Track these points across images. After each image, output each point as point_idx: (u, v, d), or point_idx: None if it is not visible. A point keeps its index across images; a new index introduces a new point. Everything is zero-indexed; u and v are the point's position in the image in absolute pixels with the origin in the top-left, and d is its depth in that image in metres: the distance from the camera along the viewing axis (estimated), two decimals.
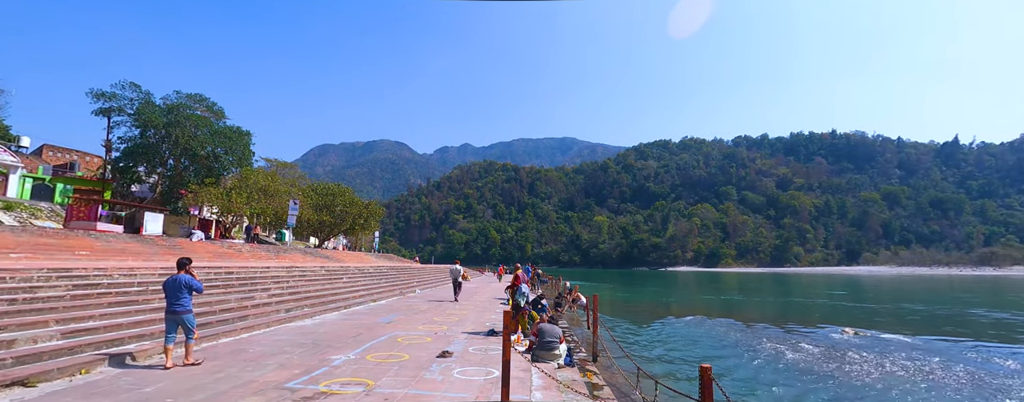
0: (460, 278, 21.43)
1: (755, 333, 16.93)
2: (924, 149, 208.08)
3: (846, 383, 10.08)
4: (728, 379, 10.49)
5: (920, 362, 12.01)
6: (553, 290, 29.98)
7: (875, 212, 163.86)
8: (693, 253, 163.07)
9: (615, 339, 10.14)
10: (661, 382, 6.71)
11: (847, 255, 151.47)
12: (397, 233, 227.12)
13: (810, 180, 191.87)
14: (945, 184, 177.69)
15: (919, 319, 22.85)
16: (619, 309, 27.33)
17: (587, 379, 7.92)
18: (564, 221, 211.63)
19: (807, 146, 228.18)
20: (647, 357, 13.10)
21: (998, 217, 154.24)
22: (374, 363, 7.43)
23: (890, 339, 16.13)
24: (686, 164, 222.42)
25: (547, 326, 8.42)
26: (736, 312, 24.97)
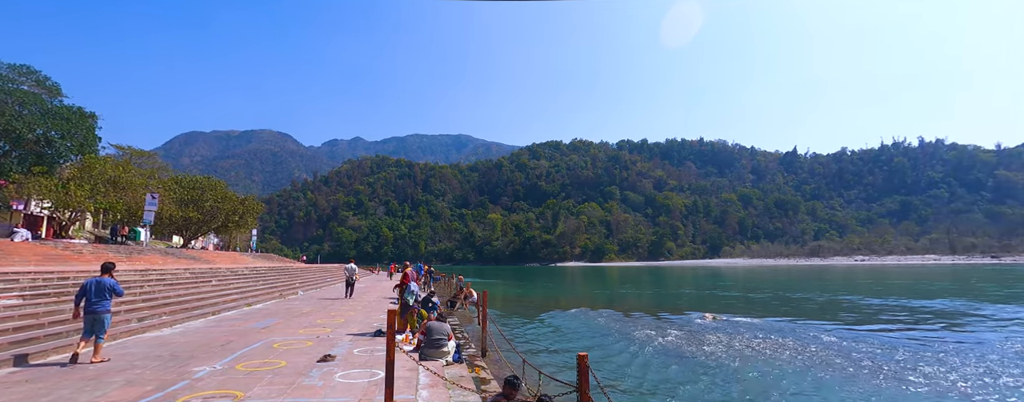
0: (354, 277, 20.73)
1: (631, 322, 18.34)
2: (771, 157, 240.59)
3: (703, 362, 11.34)
4: (604, 365, 11.26)
5: (762, 340, 13.88)
6: (446, 288, 29.91)
7: (733, 211, 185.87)
8: (580, 249, 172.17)
9: (503, 334, 10.38)
10: (544, 372, 7.02)
11: (710, 249, 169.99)
12: (279, 231, 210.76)
13: (681, 182, 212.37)
14: (786, 188, 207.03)
15: (763, 303, 26.38)
16: (511, 304, 28.01)
17: (475, 374, 8.03)
18: (458, 218, 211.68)
19: (680, 151, 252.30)
20: (534, 349, 13.60)
21: (824, 216, 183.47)
22: (245, 373, 6.85)
23: (741, 321, 18.42)
24: (575, 165, 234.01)
25: (436, 324, 8.39)
26: (616, 303, 26.83)
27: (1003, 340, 13.99)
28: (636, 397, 8.75)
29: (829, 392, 8.90)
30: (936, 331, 16.04)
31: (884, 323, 18.09)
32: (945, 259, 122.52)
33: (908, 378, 9.78)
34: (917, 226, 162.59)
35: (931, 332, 15.86)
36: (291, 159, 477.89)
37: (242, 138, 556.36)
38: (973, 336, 15.00)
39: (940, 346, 13.23)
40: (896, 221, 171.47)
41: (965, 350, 12.62)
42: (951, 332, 15.83)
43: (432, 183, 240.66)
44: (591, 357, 12.17)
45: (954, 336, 15.02)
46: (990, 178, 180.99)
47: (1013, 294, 29.36)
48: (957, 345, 13.37)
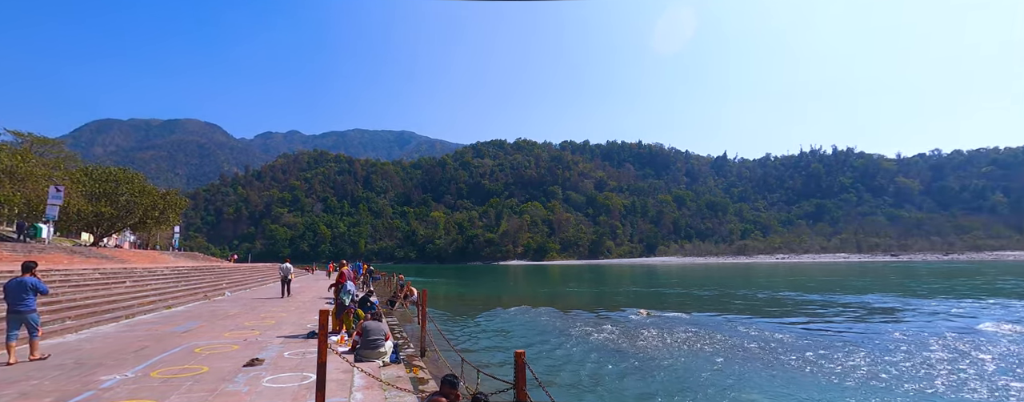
0: (289, 276, 20.18)
1: (570, 319, 18.75)
2: (703, 161, 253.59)
3: (637, 356, 11.77)
4: (542, 362, 11.44)
5: (692, 334, 14.61)
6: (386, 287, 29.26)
7: (668, 212, 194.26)
8: (523, 248, 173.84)
9: (443, 333, 10.30)
10: (482, 370, 7.04)
11: (647, 248, 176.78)
12: (206, 228, 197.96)
13: (621, 183, 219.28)
14: (717, 190, 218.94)
15: (695, 299, 27.78)
16: (453, 303, 27.83)
17: (413, 374, 7.91)
18: (400, 216, 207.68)
19: (619, 153, 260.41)
20: (474, 348, 13.59)
21: (750, 217, 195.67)
22: (161, 380, 6.38)
23: (673, 317, 19.30)
24: (519, 164, 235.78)
25: (373, 324, 8.19)
26: (557, 301, 27.33)
27: (901, 329, 15.51)
28: (572, 391, 8.95)
29: (750, 382, 9.49)
30: (844, 322, 17.53)
31: (800, 316, 19.55)
32: (853, 257, 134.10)
33: (820, 364, 10.62)
34: (830, 227, 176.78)
35: (840, 323, 17.31)
36: (220, 152, 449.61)
37: (164, 128, 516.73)
38: (874, 326, 16.52)
39: (849, 336, 14.46)
40: (812, 222, 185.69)
41: (869, 339, 13.88)
42: (857, 323, 17.36)
43: (373, 180, 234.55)
44: (530, 354, 12.32)
45: (860, 326, 16.49)
46: (891, 184, 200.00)
47: (908, 287, 32.62)
48: (861, 335, 14.67)
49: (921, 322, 17.33)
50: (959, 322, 17.08)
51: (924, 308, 21.36)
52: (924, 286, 34.34)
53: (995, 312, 19.51)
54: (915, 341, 13.36)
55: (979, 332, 14.87)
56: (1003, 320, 16.95)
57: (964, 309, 20.73)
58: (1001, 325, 15.83)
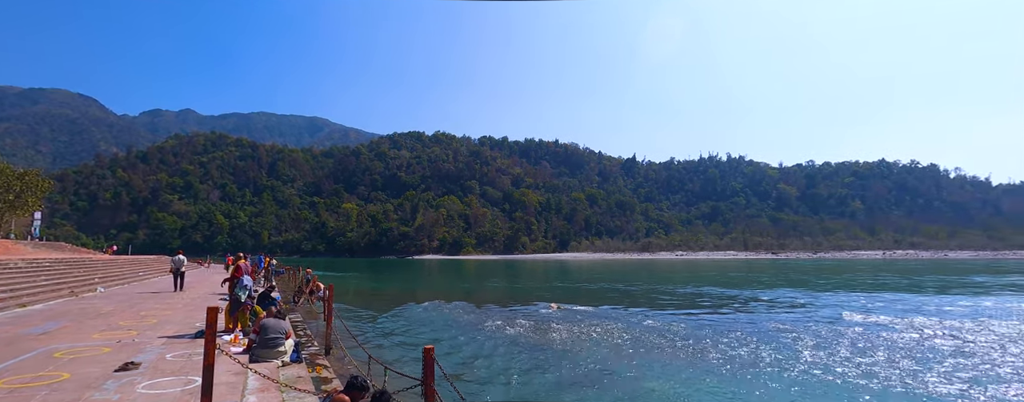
0: (182, 268, 18.75)
1: (483, 313, 18.85)
2: (615, 162, 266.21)
3: (546, 349, 12.10)
4: (452, 357, 11.39)
5: (598, 326, 15.28)
6: (291, 282, 27.58)
7: (581, 209, 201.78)
8: (438, 242, 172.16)
9: (350, 330, 9.89)
10: (390, 367, 6.84)
11: (560, 244, 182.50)
12: (76, 216, 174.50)
13: (537, 180, 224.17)
14: (626, 190, 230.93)
15: (602, 293, 29.12)
16: (364, 298, 26.89)
17: (316, 374, 7.52)
18: (309, 207, 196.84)
19: (537, 151, 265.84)
20: (384, 344, 13.22)
21: (655, 216, 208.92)
22: (7, 390, 5.50)
23: (582, 310, 20.07)
24: (437, 157, 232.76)
25: (272, 321, 7.65)
26: (471, 296, 27.36)
27: (778, 318, 17.34)
28: (482, 385, 8.99)
29: (648, 370, 10.10)
30: (732, 313, 19.26)
31: (694, 307, 21.18)
32: (740, 255, 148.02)
33: (711, 352, 11.56)
34: (722, 227, 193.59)
35: (728, 313, 18.99)
36: (96, 128, 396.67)
37: (24, 97, 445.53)
38: (756, 316, 18.32)
39: (734, 325, 15.88)
40: (708, 222, 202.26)
41: (751, 327, 15.35)
42: (742, 313, 19.15)
43: (280, 167, 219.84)
44: (441, 349, 12.18)
45: (745, 317, 18.19)
46: (774, 190, 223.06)
47: (784, 281, 36.61)
48: (746, 324, 16.19)
49: (796, 312, 19.49)
50: (826, 312, 19.41)
51: (799, 300, 24.05)
52: (798, 280, 38.69)
53: (854, 303, 22.43)
54: (790, 329, 14.97)
55: (841, 320, 17.00)
56: (857, 310, 19.53)
57: (828, 300, 23.63)
58: (854, 315, 18.22)
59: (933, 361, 10.73)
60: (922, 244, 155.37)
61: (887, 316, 17.76)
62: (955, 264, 75.44)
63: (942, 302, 22.63)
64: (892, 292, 28.37)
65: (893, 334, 14.04)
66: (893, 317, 17.48)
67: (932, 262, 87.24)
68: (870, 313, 18.70)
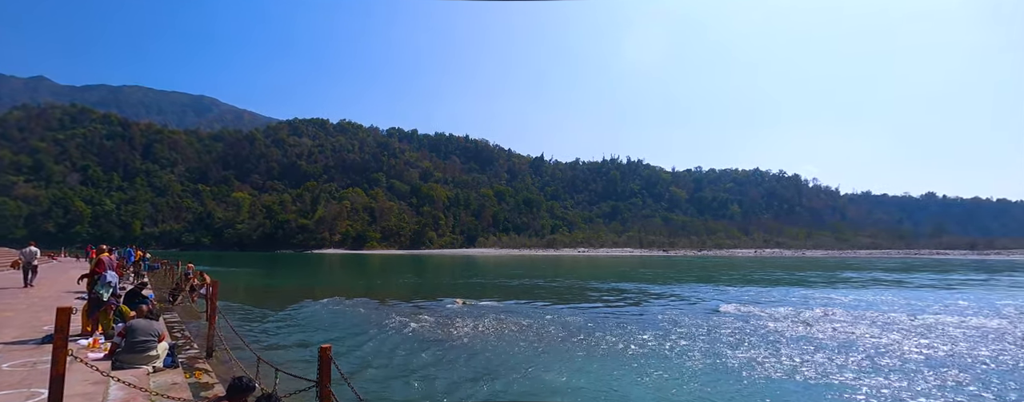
0: (34, 262, 16.33)
1: (386, 310, 18.35)
2: (523, 160, 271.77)
3: (451, 345, 12.07)
4: (352, 355, 10.97)
5: (503, 321, 15.53)
6: (168, 278, 24.82)
7: (489, 205, 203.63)
8: (341, 236, 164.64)
9: (236, 329, 9.12)
10: (282, 369, 6.42)
11: (467, 239, 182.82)
12: None
13: (446, 175, 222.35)
14: (533, 188, 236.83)
15: (508, 288, 29.65)
16: (256, 296, 24.97)
17: (195, 379, 6.85)
18: (193, 195, 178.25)
19: (447, 146, 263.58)
20: (277, 344, 12.39)
21: (560, 214, 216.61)
22: None
23: (488, 305, 20.28)
24: (342, 147, 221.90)
25: (141, 322, 6.83)
26: (374, 292, 26.51)
27: (665, 310, 18.79)
28: (382, 384, 8.75)
29: (548, 363, 10.46)
30: (625, 306, 20.55)
31: (596, 301, 22.30)
32: (636, 252, 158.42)
33: (608, 342, 12.24)
34: (621, 226, 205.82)
35: (622, 306, 20.23)
36: None
37: None
38: (647, 308, 19.72)
39: (627, 317, 16.97)
40: (608, 221, 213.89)
41: (641, 319, 16.49)
42: (634, 306, 20.50)
43: (158, 150, 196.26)
44: (339, 348, 11.67)
45: (635, 309, 19.49)
46: (667, 192, 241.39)
47: (673, 277, 39.82)
48: (637, 316, 17.36)
49: (682, 304, 21.24)
50: (708, 304, 21.39)
51: (685, 293, 26.24)
52: (685, 276, 42.24)
53: (728, 296, 24.93)
54: (676, 320, 16.29)
55: (719, 312, 18.81)
56: (733, 301, 21.76)
57: (709, 294, 26.08)
58: (731, 306, 20.29)
59: (789, 344, 12.25)
60: (785, 244, 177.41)
61: (756, 307, 19.96)
62: (810, 261, 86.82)
63: (800, 294, 25.97)
64: (760, 286, 31.99)
65: (760, 322, 15.83)
66: (761, 308, 19.70)
67: (792, 259, 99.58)
68: (742, 304, 20.90)
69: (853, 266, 64.33)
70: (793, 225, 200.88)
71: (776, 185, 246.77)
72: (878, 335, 13.77)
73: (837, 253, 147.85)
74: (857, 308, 20.12)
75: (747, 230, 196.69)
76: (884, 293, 27.06)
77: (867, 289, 29.98)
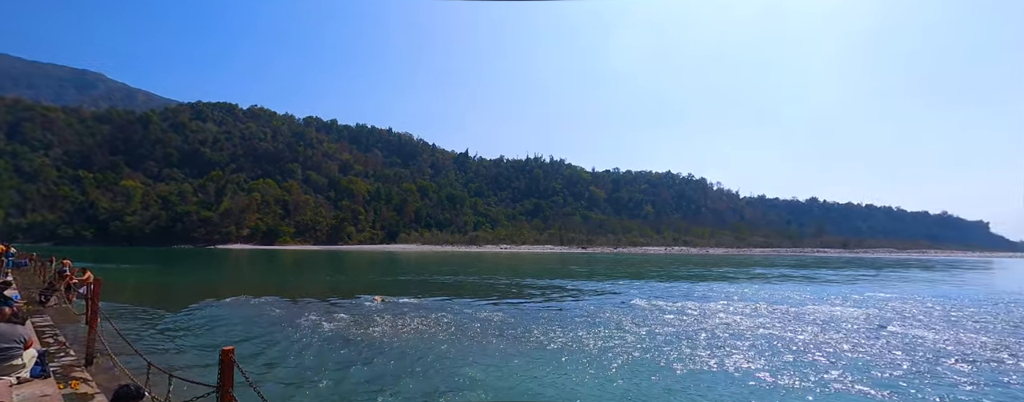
0: None
1: (299, 308, 17.48)
2: (448, 156, 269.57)
3: (368, 343, 11.75)
4: (260, 358, 10.37)
5: (423, 317, 15.36)
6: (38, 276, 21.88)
7: (412, 201, 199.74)
8: (250, 230, 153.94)
9: (124, 333, 8.28)
10: (177, 375, 5.95)
11: (388, 235, 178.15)
12: None
13: (368, 168, 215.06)
14: (457, 184, 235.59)
15: (429, 285, 29.31)
16: (149, 295, 22.74)
17: (71, 390, 6.15)
18: (72, 182, 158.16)
19: (369, 138, 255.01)
20: (171, 349, 11.40)
21: (483, 211, 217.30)
22: None
23: (408, 302, 19.94)
24: (253, 135, 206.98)
25: (3, 327, 6.01)
26: (286, 289, 25.13)
27: (580, 305, 19.53)
28: (291, 387, 8.36)
29: (467, 358, 10.52)
30: (543, 301, 21.10)
31: (516, 297, 22.65)
32: (557, 249, 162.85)
33: (525, 337, 12.51)
34: (543, 223, 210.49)
35: (540, 302, 20.75)
36: None
37: None
38: (564, 304, 20.39)
39: (545, 312, 17.44)
40: (530, 218, 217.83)
41: (559, 313, 17.03)
42: (551, 301, 21.11)
43: (27, 129, 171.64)
44: (246, 350, 11.00)
45: (555, 304, 20.07)
46: (586, 191, 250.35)
47: (589, 273, 41.44)
48: (556, 311, 17.90)
49: (597, 299, 22.16)
50: (621, 298, 22.48)
51: (601, 288, 27.40)
52: (601, 272, 44.11)
53: (640, 290, 26.39)
54: (591, 313, 17.01)
55: (633, 306, 19.84)
56: (644, 296, 23.07)
57: (623, 288, 27.43)
58: (643, 300, 21.50)
59: (690, 334, 13.25)
60: (692, 242, 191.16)
61: (664, 301, 21.32)
62: (712, 258, 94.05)
63: (703, 288, 28.08)
64: (669, 281, 34.19)
65: (666, 315, 16.94)
66: (668, 302, 21.07)
67: (698, 256, 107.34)
68: (652, 299, 22.24)
69: (749, 263, 70.54)
70: (699, 225, 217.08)
71: (685, 187, 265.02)
72: (767, 324, 15.26)
73: (735, 251, 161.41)
74: (751, 300, 22.12)
75: (659, 229, 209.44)
76: (776, 287, 29.99)
77: (760, 283, 33.04)
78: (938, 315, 18.29)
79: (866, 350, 11.83)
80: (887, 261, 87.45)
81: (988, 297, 25.63)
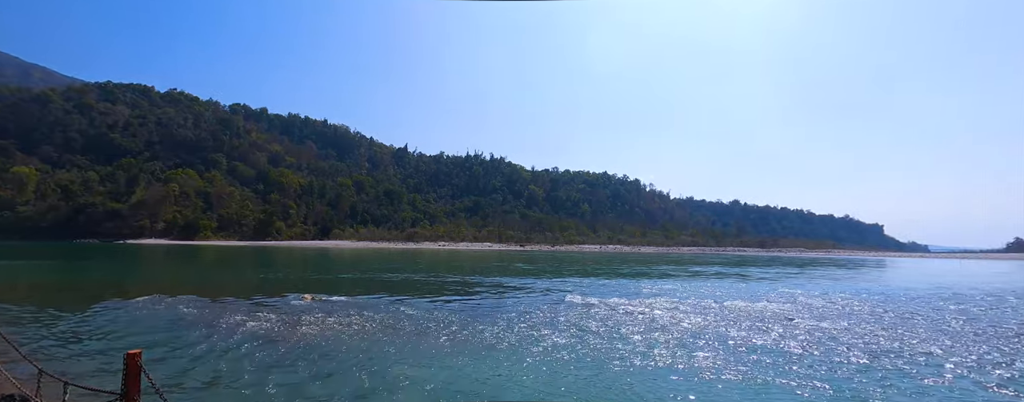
0: None
1: (220, 308, 16.51)
2: (386, 150, 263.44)
3: (294, 344, 11.31)
4: (169, 362, 9.72)
5: (355, 316, 14.96)
6: None
7: (347, 195, 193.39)
8: (166, 224, 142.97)
9: (9, 338, 7.48)
10: (74, 382, 5.47)
11: (321, 231, 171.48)
12: None
13: (300, 160, 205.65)
14: (395, 179, 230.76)
15: (363, 282, 28.55)
16: (44, 294, 20.59)
17: None
18: None
19: (302, 129, 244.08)
20: (69, 354, 10.42)
21: (421, 207, 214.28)
22: None
23: (339, 300, 19.33)
24: (171, 120, 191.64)
25: None
26: (206, 287, 23.60)
27: (519, 301, 19.78)
28: (205, 392, 7.90)
29: (402, 356, 10.38)
30: (482, 298, 21.17)
31: (453, 294, 22.54)
32: (495, 246, 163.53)
33: (462, 335, 12.51)
34: (482, 220, 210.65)
35: (479, 299, 20.81)
36: None
37: None
38: (501, 301, 20.56)
39: (480, 309, 17.51)
40: (469, 215, 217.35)
41: (500, 310, 17.16)
42: (487, 299, 21.22)
43: None
44: (156, 354, 10.31)
45: (493, 302, 20.19)
46: (526, 190, 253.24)
47: (527, 271, 42.00)
48: (491, 309, 18.02)
49: (533, 296, 22.51)
50: (558, 295, 22.98)
51: (538, 286, 27.85)
52: (538, 269, 44.81)
53: (575, 287, 27.09)
54: (527, 310, 17.27)
55: (566, 302, 20.34)
56: (579, 293, 23.71)
57: (559, 285, 28.05)
58: (577, 296, 22.11)
59: (621, 329, 13.81)
60: (625, 240, 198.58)
61: (597, 298, 22.04)
62: (644, 256, 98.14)
63: (634, 285, 29.28)
64: (603, 278, 35.34)
65: (600, 311, 17.53)
66: (601, 298, 21.80)
67: (631, 255, 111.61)
68: (586, 295, 22.92)
69: (684, 261, 74.25)
70: (632, 224, 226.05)
71: (620, 188, 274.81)
72: (692, 319, 16.17)
73: (665, 249, 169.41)
74: (679, 296, 23.35)
75: (595, 228, 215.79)
76: (717, 283, 31.78)
77: (702, 281, 34.90)
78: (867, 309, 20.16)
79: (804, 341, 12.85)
80: (804, 259, 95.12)
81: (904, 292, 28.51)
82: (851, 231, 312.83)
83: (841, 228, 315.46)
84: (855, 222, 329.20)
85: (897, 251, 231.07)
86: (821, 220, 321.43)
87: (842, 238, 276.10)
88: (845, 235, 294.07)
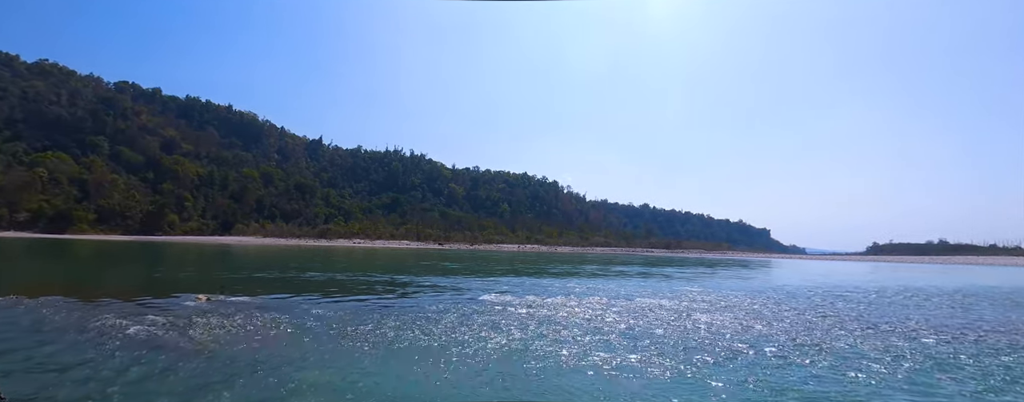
0: None
1: (96, 310, 14.59)
2: (299, 141, 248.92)
3: (182, 350, 10.23)
4: (29, 374, 8.39)
5: (257, 318, 13.86)
6: None
7: (253, 188, 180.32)
8: (30, 214, 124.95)
9: None
10: None
11: (222, 225, 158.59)
12: None
13: (199, 148, 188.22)
14: (308, 172, 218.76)
15: (267, 281, 26.64)
16: None
17: None
18: None
19: (202, 114, 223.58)
20: None
21: (336, 203, 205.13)
22: None
23: (239, 301, 17.85)
24: (40, 96, 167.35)
25: None
26: (80, 288, 20.83)
27: (434, 300, 19.41)
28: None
29: (307, 360, 9.74)
30: (395, 297, 20.56)
31: (365, 293, 21.66)
32: (413, 244, 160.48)
33: (372, 335, 11.99)
34: (400, 218, 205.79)
35: (393, 298, 20.18)
36: None
37: None
38: (419, 300, 20.10)
39: (394, 309, 16.98)
40: (387, 213, 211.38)
41: (414, 309, 16.72)
42: (405, 297, 20.67)
43: None
44: (11, 366, 8.87)
45: (407, 301, 19.66)
46: (446, 188, 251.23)
47: (447, 269, 41.53)
48: (407, 308, 17.53)
49: (449, 295, 22.23)
50: (473, 293, 22.87)
51: (454, 285, 27.56)
52: (455, 269, 44.47)
53: (491, 286, 27.17)
54: (438, 310, 16.98)
55: (481, 301, 20.30)
56: (494, 291, 23.79)
57: (474, 285, 27.97)
58: (492, 295, 22.16)
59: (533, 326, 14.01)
60: (542, 240, 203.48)
61: (512, 296, 22.24)
62: (560, 256, 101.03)
63: (548, 284, 29.96)
64: (520, 277, 35.81)
65: (514, 309, 17.68)
66: (516, 297, 22.03)
67: (547, 254, 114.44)
68: (501, 294, 23.06)
69: (596, 261, 77.22)
70: (550, 225, 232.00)
71: (539, 189, 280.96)
72: (604, 315, 16.78)
73: (580, 250, 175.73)
74: (592, 294, 24.19)
75: (513, 227, 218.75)
76: (611, 282, 33.19)
77: (602, 279, 36.34)
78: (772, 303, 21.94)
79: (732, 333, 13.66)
80: (712, 260, 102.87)
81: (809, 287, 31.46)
82: (743, 234, 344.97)
83: (735, 231, 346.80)
84: (747, 226, 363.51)
85: (781, 253, 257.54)
86: (719, 224, 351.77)
87: (736, 240, 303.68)
88: (739, 237, 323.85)
